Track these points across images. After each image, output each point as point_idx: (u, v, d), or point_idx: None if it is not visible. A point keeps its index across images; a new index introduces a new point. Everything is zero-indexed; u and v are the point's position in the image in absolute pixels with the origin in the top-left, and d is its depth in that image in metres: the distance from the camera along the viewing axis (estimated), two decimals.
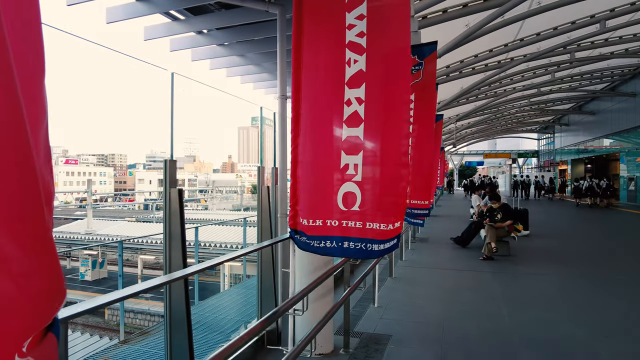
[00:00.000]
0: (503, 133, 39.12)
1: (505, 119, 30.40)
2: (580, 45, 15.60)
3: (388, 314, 4.60)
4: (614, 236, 11.29)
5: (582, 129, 28.87)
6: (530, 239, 9.72)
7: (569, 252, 8.26)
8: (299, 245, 2.44)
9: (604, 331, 4.03)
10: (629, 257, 7.88)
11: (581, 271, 6.65)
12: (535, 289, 5.66)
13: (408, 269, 6.77)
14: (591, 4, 11.88)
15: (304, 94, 2.34)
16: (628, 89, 21.47)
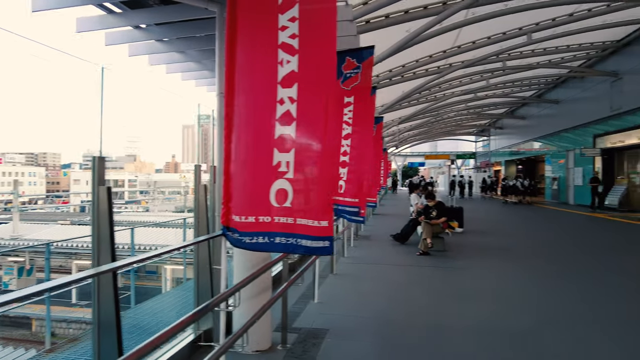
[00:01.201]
0: (443, 135, 41.09)
1: (445, 122, 31.93)
2: (511, 55, 16.74)
3: (327, 309, 4.71)
4: (538, 230, 12.29)
5: (514, 133, 31.01)
6: (464, 235, 10.31)
7: (499, 247, 8.87)
8: (231, 242, 2.47)
9: (538, 319, 4.38)
10: (552, 249, 8.62)
11: (509, 263, 7.17)
12: (467, 281, 6.04)
13: (349, 265, 6.96)
14: (519, 17, 12.80)
15: (238, 92, 2.37)
16: (552, 97, 23.36)
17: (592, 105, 19.03)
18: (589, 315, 4.52)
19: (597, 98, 18.56)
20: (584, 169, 20.03)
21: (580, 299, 5.11)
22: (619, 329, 4.11)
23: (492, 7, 11.52)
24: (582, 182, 20.28)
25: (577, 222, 14.14)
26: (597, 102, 18.52)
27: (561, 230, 12.44)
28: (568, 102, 21.65)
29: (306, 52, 2.33)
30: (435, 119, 28.96)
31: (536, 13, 12.66)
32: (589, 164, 19.50)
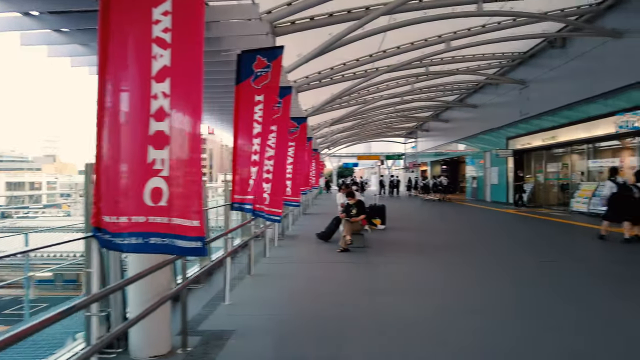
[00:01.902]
0: (375, 137, 42.47)
1: (376, 124, 33.03)
2: (433, 61, 17.69)
3: (238, 310, 4.66)
4: (453, 225, 13.11)
5: (439, 135, 32.83)
6: (386, 231, 10.72)
7: (417, 242, 9.33)
8: (101, 244, 2.35)
9: (450, 310, 4.64)
10: (465, 242, 9.23)
11: (424, 257, 7.56)
12: (381, 275, 6.29)
13: (270, 265, 6.95)
14: (438, 25, 13.56)
15: (111, 87, 2.26)
16: (472, 101, 25.05)
17: (505, 110, 20.66)
18: (488, 304, 4.87)
19: (509, 103, 20.18)
20: (500, 169, 21.71)
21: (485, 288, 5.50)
22: (519, 317, 4.48)
23: (412, 15, 12.08)
24: (498, 181, 21.99)
25: (490, 218, 15.30)
26: (509, 107, 20.14)
27: (475, 225, 13.37)
28: (485, 106, 23.33)
29: (178, 46, 2.28)
30: (365, 121, 29.85)
31: (453, 22, 13.49)
32: (503, 164, 21.16)
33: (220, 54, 5.61)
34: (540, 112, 17.48)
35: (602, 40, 13.33)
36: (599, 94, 13.69)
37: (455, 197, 26.60)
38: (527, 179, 19.59)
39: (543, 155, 19.31)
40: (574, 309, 4.56)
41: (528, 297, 5.07)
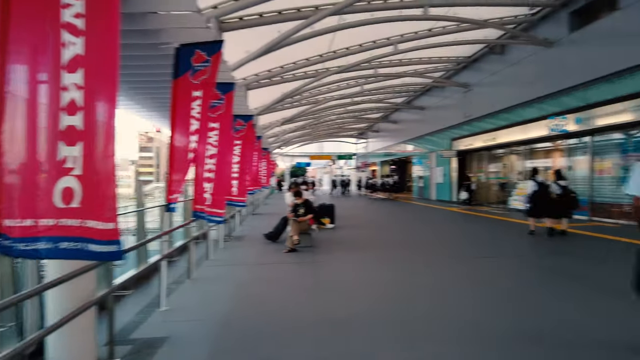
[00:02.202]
0: (327, 137, 42.79)
1: (327, 125, 33.28)
2: (382, 63, 18.03)
3: (173, 316, 4.45)
4: (398, 222, 13.45)
5: (388, 136, 33.63)
6: (335, 230, 10.78)
7: (364, 240, 9.44)
8: (0, 250, 2.11)
9: (394, 305, 4.67)
10: (410, 238, 9.46)
11: (369, 254, 7.65)
12: (325, 274, 6.27)
13: (213, 268, 6.73)
14: (386, 27, 13.83)
15: (14, 76, 2.03)
16: (419, 103, 25.85)
17: (450, 112, 21.50)
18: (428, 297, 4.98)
19: (453, 106, 21.03)
20: (444, 169, 22.57)
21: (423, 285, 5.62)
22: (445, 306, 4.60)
23: (360, 16, 12.23)
24: (443, 180, 22.86)
25: (434, 215, 15.84)
26: (454, 110, 20.98)
27: (419, 222, 13.79)
28: (432, 108, 24.15)
29: (93, 34, 2.10)
30: (317, 121, 29.99)
31: (401, 25, 13.82)
32: (448, 164, 22.03)
33: (157, 47, 5.34)
34: (481, 115, 18.35)
35: (536, 49, 14.20)
36: (533, 99, 14.58)
37: (403, 196, 27.41)
38: (473, 178, 20.50)
39: (484, 155, 20.30)
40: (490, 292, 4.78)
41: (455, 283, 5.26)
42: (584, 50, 12.28)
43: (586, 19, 12.46)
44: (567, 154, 14.16)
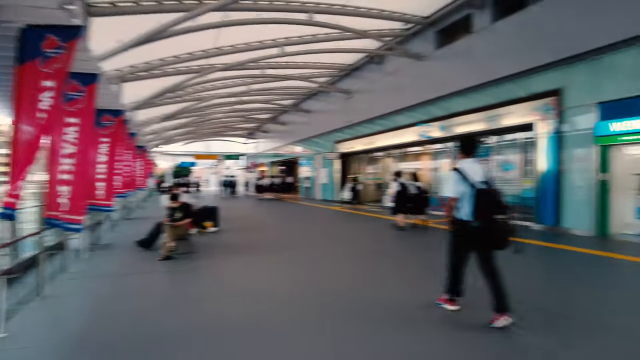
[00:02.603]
0: (213, 136, 41.41)
1: (213, 123, 32.17)
2: (269, 64, 18.02)
3: (14, 343, 3.78)
4: (286, 223, 13.57)
5: (277, 137, 33.86)
6: (219, 234, 10.40)
7: (248, 242, 9.26)
8: None
9: (277, 309, 4.55)
10: (294, 238, 9.55)
11: (251, 257, 7.50)
12: (201, 281, 5.96)
13: (71, 282, 5.91)
14: (273, 29, 13.83)
15: None
16: (306, 106, 26.50)
17: (334, 116, 22.44)
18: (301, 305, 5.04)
19: (337, 111, 22.00)
20: (329, 170, 23.51)
21: (312, 280, 5.69)
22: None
23: (246, 15, 12.05)
24: (327, 181, 23.78)
25: (318, 214, 16.35)
26: (337, 114, 21.95)
27: (303, 221, 14.10)
28: (317, 112, 24.96)
29: None
30: (202, 119, 28.80)
31: (287, 28, 13.96)
32: (332, 166, 22.99)
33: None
34: (361, 120, 19.53)
35: (409, 61, 15.58)
36: (405, 107, 15.99)
37: (290, 197, 27.82)
38: (351, 179, 21.63)
39: (364, 158, 21.65)
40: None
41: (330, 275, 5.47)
42: (446, 65, 13.84)
43: (448, 38, 14.07)
44: (434, 157, 15.84)
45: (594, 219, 9.26)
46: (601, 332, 3.81)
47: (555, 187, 10.13)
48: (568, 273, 6.29)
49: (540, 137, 10.55)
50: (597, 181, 9.24)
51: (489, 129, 12.29)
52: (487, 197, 3.83)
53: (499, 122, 11.89)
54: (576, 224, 9.62)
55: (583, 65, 9.48)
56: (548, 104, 10.28)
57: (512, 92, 11.32)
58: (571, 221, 9.76)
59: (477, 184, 3.93)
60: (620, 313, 4.36)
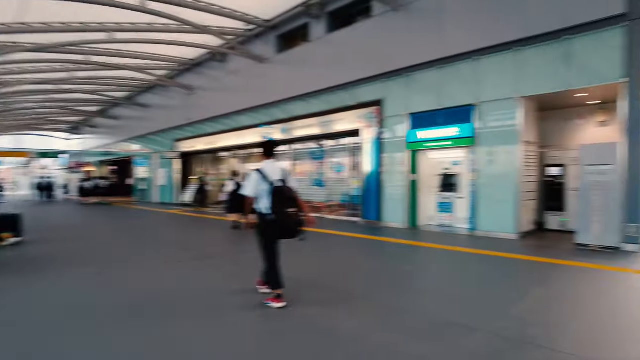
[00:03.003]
0: (26, 129, 34.83)
1: (24, 114, 27.06)
2: (95, 50, 15.95)
3: None
4: (110, 231, 12.12)
5: (108, 133, 30.26)
6: (21, 246, 8.66)
7: (57, 254, 7.90)
8: None
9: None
10: (118, 250, 8.51)
11: (61, 272, 6.39)
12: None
13: None
14: (99, 10, 12.21)
15: None
16: (142, 100, 24.32)
17: (174, 113, 21.13)
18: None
19: (177, 107, 20.78)
20: (168, 171, 22.01)
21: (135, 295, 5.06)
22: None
23: None
24: (166, 182, 22.24)
25: (151, 219, 15.10)
26: (177, 111, 20.74)
27: (130, 228, 12.81)
28: (156, 107, 23.14)
29: None
30: (6, 108, 23.92)
31: (117, 12, 12.45)
32: (171, 166, 21.57)
33: None
34: (203, 119, 18.84)
35: (252, 63, 15.63)
36: (248, 108, 16.02)
37: (121, 200, 25.07)
38: (192, 180, 20.67)
39: (208, 158, 20.94)
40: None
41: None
42: (287, 70, 14.32)
43: (289, 44, 14.60)
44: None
45: (407, 213, 10.71)
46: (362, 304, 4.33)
47: (377, 186, 11.40)
48: (372, 258, 7.10)
49: (365, 142, 11.75)
50: (408, 181, 10.71)
51: (324, 133, 13.16)
52: (282, 193, 4.33)
53: (332, 127, 12.82)
54: (393, 218, 10.98)
55: (399, 80, 10.89)
56: (372, 113, 11.51)
57: (344, 100, 12.33)
58: (390, 216, 11.10)
59: (275, 182, 4.40)
60: (385, 288, 5.05)
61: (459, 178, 10.19)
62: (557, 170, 9.86)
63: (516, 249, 7.61)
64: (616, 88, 7.54)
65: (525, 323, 3.68)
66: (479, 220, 9.27)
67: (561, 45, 8.06)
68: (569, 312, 4.01)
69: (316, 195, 14.09)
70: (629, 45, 7.26)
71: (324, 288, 5.00)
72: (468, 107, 9.45)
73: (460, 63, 9.58)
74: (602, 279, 5.40)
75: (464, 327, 3.62)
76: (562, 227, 9.66)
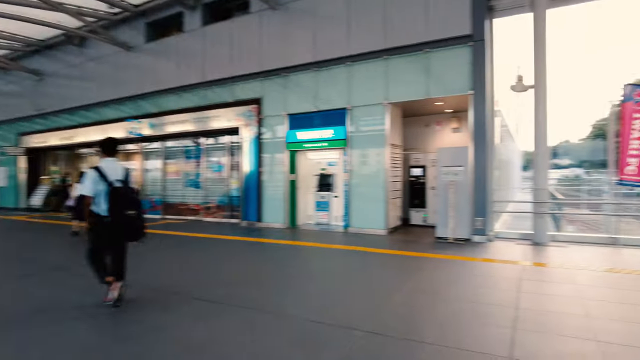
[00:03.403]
0: None
1: None
2: None
3: None
4: None
5: None
6: None
7: None
8: None
9: None
10: None
11: None
12: None
13: None
14: None
15: None
16: None
17: (17, 101, 18.02)
18: None
19: (23, 94, 17.77)
20: (10, 169, 18.64)
21: None
22: None
23: None
24: (7, 183, 18.82)
25: None
26: (23, 99, 17.73)
27: None
28: None
29: None
30: None
31: None
32: (14, 164, 18.31)
33: None
34: (58, 110, 16.41)
35: (118, 50, 14.07)
36: (113, 99, 14.40)
37: None
38: (43, 181, 17.90)
39: (63, 155, 18.30)
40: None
41: None
42: (158, 60, 13.22)
43: (160, 32, 13.50)
44: (147, 156, 14.82)
45: (287, 213, 10.73)
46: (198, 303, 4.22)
47: (257, 187, 11.20)
48: (248, 260, 6.90)
49: (245, 141, 11.45)
50: (288, 181, 10.74)
51: (200, 130, 12.47)
52: (121, 195, 4.17)
53: (209, 124, 12.21)
54: (274, 218, 10.91)
55: (277, 80, 10.83)
56: (251, 111, 11.26)
57: (222, 97, 11.84)
58: (270, 217, 11.00)
59: (114, 182, 4.20)
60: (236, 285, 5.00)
61: (334, 178, 10.56)
62: (419, 171, 10.87)
63: (386, 244, 8.14)
64: (466, 99, 8.58)
65: (394, 316, 3.87)
66: (353, 217, 9.73)
67: (423, 57, 8.87)
68: (431, 303, 4.35)
69: (192, 196, 13.30)
70: (474, 62, 8.32)
71: (183, 294, 4.61)
72: (342, 111, 9.83)
73: (335, 67, 9.92)
74: (456, 268, 6.04)
75: (332, 325, 3.63)
76: (424, 222, 10.70)
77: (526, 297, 4.47)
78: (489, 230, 8.38)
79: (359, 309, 4.14)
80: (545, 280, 5.30)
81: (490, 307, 4.15)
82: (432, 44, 8.75)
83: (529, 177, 42.13)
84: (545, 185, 8.21)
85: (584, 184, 29.48)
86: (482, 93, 8.26)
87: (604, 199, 10.72)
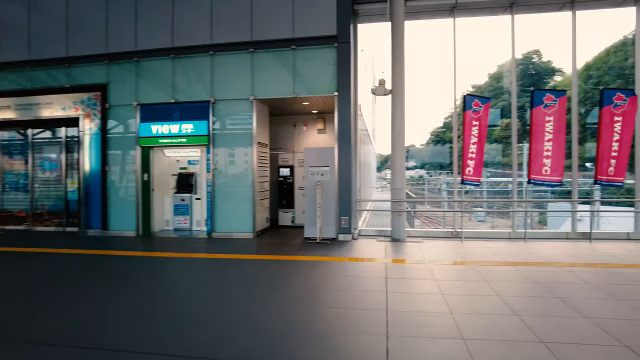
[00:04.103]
0: None
1: None
2: None
3: None
4: None
5: None
6: None
7: None
8: None
9: None
10: None
11: None
12: None
13: None
14: None
15: None
16: None
17: None
18: None
19: None
20: None
21: None
22: None
23: None
24: None
25: None
26: None
27: None
28: None
29: None
30: None
31: None
32: None
33: None
34: None
35: None
36: None
37: None
38: None
39: None
40: None
41: None
42: None
43: None
44: None
45: (139, 219, 9.40)
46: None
47: (101, 189, 9.58)
48: (82, 280, 5.74)
49: (86, 134, 9.70)
50: (140, 182, 9.42)
51: (26, 119, 10.17)
52: None
53: (38, 112, 10.03)
54: (123, 225, 9.45)
55: (128, 65, 9.42)
56: (93, 99, 9.59)
57: (56, 79, 9.83)
58: (118, 224, 9.50)
59: None
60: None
61: (196, 178, 9.66)
62: (287, 171, 10.65)
63: (253, 248, 7.64)
64: (331, 100, 8.59)
65: (254, 338, 3.38)
66: (217, 221, 8.98)
67: (290, 54, 8.61)
68: (302, 314, 3.99)
69: (15, 201, 10.80)
70: (339, 63, 8.38)
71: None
72: (205, 104, 9.00)
73: (197, 57, 9.03)
74: (325, 270, 5.86)
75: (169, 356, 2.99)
76: (293, 222, 10.51)
77: (394, 297, 4.45)
78: (353, 228, 8.55)
79: (211, 334, 3.55)
80: (409, 278, 5.44)
81: (362, 313, 3.98)
82: (299, 41, 8.55)
83: (383, 177, 46.17)
84: (402, 184, 8.70)
85: (427, 183, 33.39)
86: (347, 95, 8.36)
87: (448, 198, 11.99)
